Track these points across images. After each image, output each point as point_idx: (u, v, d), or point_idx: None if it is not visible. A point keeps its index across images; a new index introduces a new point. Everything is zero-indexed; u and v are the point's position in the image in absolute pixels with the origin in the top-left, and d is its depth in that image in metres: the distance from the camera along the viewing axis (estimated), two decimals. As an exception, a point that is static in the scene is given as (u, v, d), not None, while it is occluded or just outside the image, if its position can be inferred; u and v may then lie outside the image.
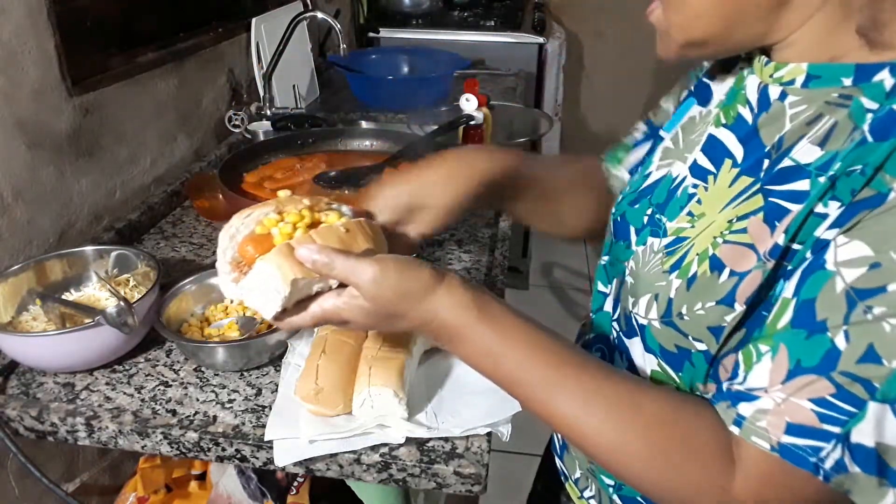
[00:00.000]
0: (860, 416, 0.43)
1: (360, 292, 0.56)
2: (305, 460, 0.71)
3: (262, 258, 0.57)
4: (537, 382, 0.54)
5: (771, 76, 0.55)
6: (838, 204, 0.47)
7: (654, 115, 0.78)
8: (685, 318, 0.55)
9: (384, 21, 2.61)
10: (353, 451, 0.71)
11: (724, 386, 0.51)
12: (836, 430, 0.44)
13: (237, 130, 1.54)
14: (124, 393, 0.80)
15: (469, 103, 1.30)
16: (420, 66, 2.06)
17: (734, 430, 0.48)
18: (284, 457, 0.71)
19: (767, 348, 0.47)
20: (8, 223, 0.95)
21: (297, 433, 0.72)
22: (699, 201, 0.58)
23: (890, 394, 0.42)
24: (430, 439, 0.72)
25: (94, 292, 0.93)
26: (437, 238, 1.16)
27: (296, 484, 0.99)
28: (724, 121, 0.60)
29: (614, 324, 0.67)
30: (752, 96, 0.57)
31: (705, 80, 0.67)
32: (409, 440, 0.72)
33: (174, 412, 0.77)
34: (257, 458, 0.74)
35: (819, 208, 0.48)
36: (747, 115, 0.57)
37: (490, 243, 1.15)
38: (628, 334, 0.64)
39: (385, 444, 0.72)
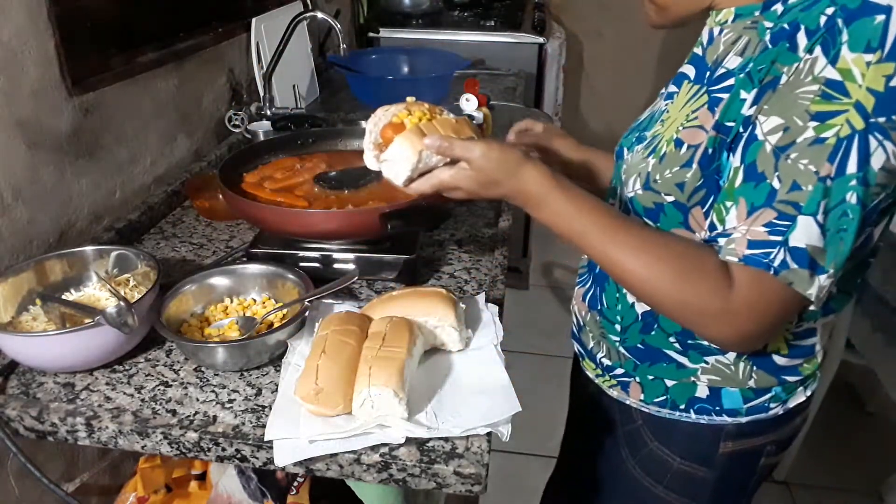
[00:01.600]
0: (793, 227, 0.64)
1: (470, 165, 0.77)
2: (305, 460, 0.71)
3: (399, 136, 0.78)
4: (595, 234, 0.74)
5: (715, 21, 0.79)
6: (753, 89, 0.69)
7: None
8: (658, 182, 0.78)
9: (384, 21, 2.61)
10: (353, 451, 0.71)
11: (709, 235, 0.72)
12: (779, 238, 0.65)
13: (237, 130, 1.54)
14: (124, 393, 0.80)
15: (469, 103, 1.30)
16: (420, 66, 2.06)
17: (721, 257, 0.69)
18: (284, 457, 0.71)
19: (731, 203, 0.69)
20: (8, 223, 0.95)
21: (297, 433, 0.72)
22: (667, 112, 0.82)
23: (810, 208, 0.63)
24: (430, 439, 0.72)
25: (94, 292, 0.93)
26: (437, 238, 1.16)
27: (296, 484, 0.99)
28: (686, 61, 0.84)
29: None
30: (704, 37, 0.81)
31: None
32: (409, 440, 0.72)
33: (174, 412, 0.77)
34: (257, 458, 0.74)
35: (742, 94, 0.70)
36: (699, 51, 0.82)
37: (490, 243, 1.15)
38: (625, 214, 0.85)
39: (385, 444, 0.72)
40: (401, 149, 0.77)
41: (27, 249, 0.98)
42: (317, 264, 1.01)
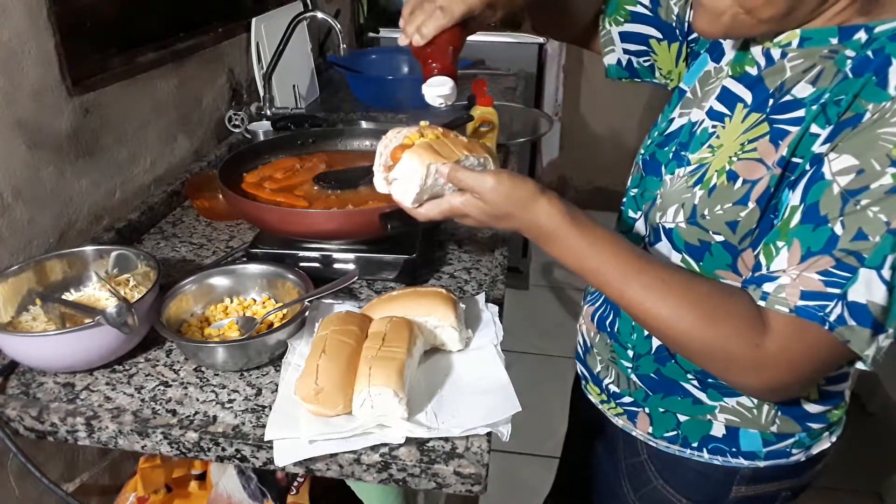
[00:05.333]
0: (854, 279, 0.58)
1: (481, 198, 0.72)
2: (305, 460, 0.71)
3: (407, 151, 0.75)
4: (612, 273, 0.69)
5: (771, 41, 0.71)
6: (828, 125, 0.63)
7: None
8: (707, 217, 0.71)
9: (384, 21, 2.61)
10: (353, 451, 0.71)
11: (750, 275, 0.66)
12: (837, 291, 0.59)
13: (237, 130, 1.54)
14: (124, 393, 0.80)
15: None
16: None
17: (761, 303, 0.63)
18: (284, 457, 0.71)
19: (784, 243, 0.62)
20: (8, 223, 0.95)
21: (297, 433, 0.72)
22: (717, 136, 0.75)
23: (875, 261, 0.58)
24: (430, 439, 0.72)
25: (94, 292, 0.93)
26: (437, 238, 1.16)
27: (296, 484, 0.99)
28: (733, 75, 0.77)
29: (645, 238, 0.83)
30: (759, 58, 0.74)
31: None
32: (409, 440, 0.72)
33: (174, 412, 0.77)
34: (257, 458, 0.74)
35: (814, 129, 0.64)
36: (753, 71, 0.74)
37: (490, 243, 1.15)
38: (654, 242, 0.80)
39: (385, 444, 0.72)
40: (409, 163, 0.74)
41: (27, 249, 0.98)
42: (317, 264, 1.01)
